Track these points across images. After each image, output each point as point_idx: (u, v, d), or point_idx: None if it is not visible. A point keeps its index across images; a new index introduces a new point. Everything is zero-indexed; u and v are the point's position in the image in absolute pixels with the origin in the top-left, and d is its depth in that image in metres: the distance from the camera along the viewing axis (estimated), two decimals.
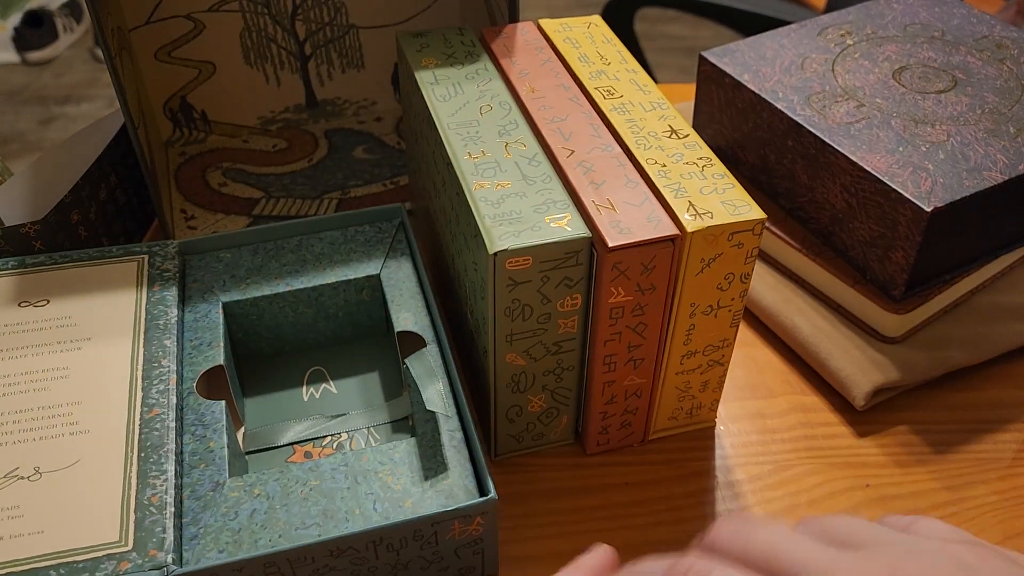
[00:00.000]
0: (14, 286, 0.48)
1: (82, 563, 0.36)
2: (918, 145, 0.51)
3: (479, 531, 0.39)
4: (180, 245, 0.51)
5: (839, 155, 0.51)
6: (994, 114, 0.53)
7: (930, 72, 0.57)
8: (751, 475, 0.48)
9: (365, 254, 0.52)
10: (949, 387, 0.53)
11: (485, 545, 0.40)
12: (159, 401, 0.42)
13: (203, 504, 0.39)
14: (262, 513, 0.38)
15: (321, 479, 0.40)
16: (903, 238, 0.48)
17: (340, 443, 0.47)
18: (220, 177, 0.69)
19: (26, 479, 0.39)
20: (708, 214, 0.39)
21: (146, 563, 0.36)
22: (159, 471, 0.39)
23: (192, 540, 0.37)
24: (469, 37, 0.54)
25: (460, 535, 0.39)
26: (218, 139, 0.73)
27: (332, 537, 0.36)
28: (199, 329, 0.47)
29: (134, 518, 0.37)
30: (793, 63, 0.59)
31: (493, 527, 0.39)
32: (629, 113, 0.46)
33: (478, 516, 0.38)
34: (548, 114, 0.46)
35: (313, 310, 0.51)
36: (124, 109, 0.53)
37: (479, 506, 0.38)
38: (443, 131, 0.45)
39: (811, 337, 0.53)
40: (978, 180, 0.48)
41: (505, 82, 0.50)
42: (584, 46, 0.52)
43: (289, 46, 0.70)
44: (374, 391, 0.51)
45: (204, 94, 0.70)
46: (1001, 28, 0.61)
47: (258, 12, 0.67)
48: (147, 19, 0.65)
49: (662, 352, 0.44)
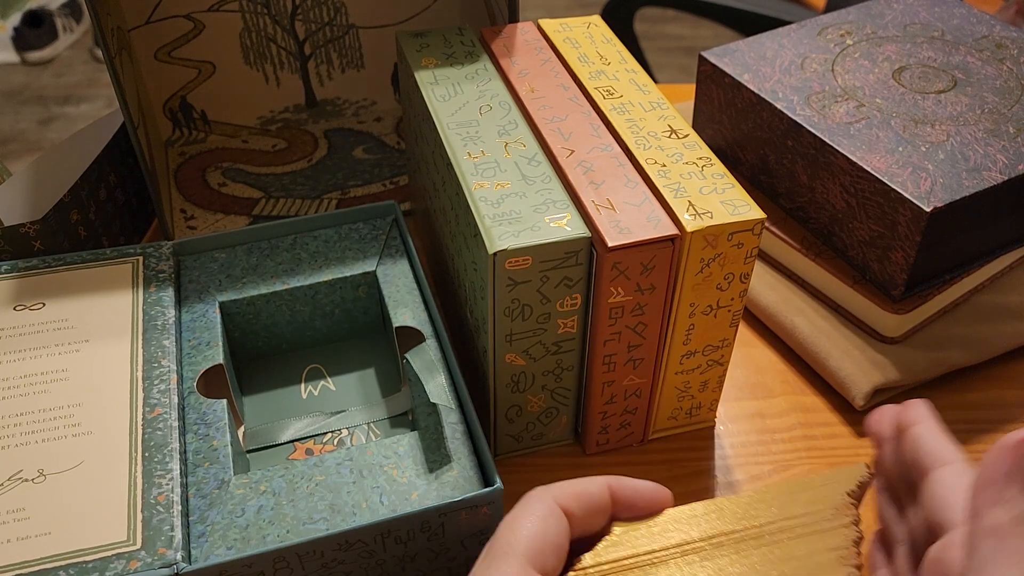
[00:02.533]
0: (8, 290, 0.48)
1: (91, 563, 0.36)
2: (918, 145, 0.51)
3: (485, 521, 0.39)
4: (175, 246, 0.51)
5: (839, 155, 0.51)
6: (994, 114, 0.53)
7: (930, 72, 0.57)
8: (751, 475, 0.48)
9: (360, 251, 0.52)
10: (949, 387, 0.53)
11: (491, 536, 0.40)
12: (161, 401, 0.42)
13: (209, 502, 0.39)
14: (269, 509, 0.38)
15: (326, 474, 0.40)
16: (903, 238, 0.48)
17: (341, 439, 0.47)
18: (220, 177, 0.69)
19: (30, 481, 0.39)
20: (708, 214, 0.39)
21: (156, 561, 0.36)
22: (164, 470, 0.39)
23: (200, 538, 0.37)
24: (469, 37, 0.54)
25: (467, 526, 0.39)
26: (218, 139, 0.73)
27: (341, 531, 0.36)
28: (197, 329, 0.47)
29: (141, 517, 0.37)
30: (793, 63, 0.59)
31: (499, 517, 0.40)
32: (629, 113, 0.46)
33: (484, 506, 0.38)
34: (548, 114, 0.46)
35: (309, 308, 0.51)
36: (124, 109, 0.53)
37: (485, 496, 0.38)
38: (443, 131, 0.45)
39: (811, 337, 0.53)
40: (978, 180, 0.48)
41: (505, 82, 0.50)
42: (584, 46, 0.52)
43: (289, 46, 0.70)
44: (372, 387, 0.51)
45: (204, 94, 0.70)
46: (1001, 28, 0.62)
47: (258, 12, 0.67)
48: (147, 19, 0.65)
49: (662, 352, 0.44)
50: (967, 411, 0.52)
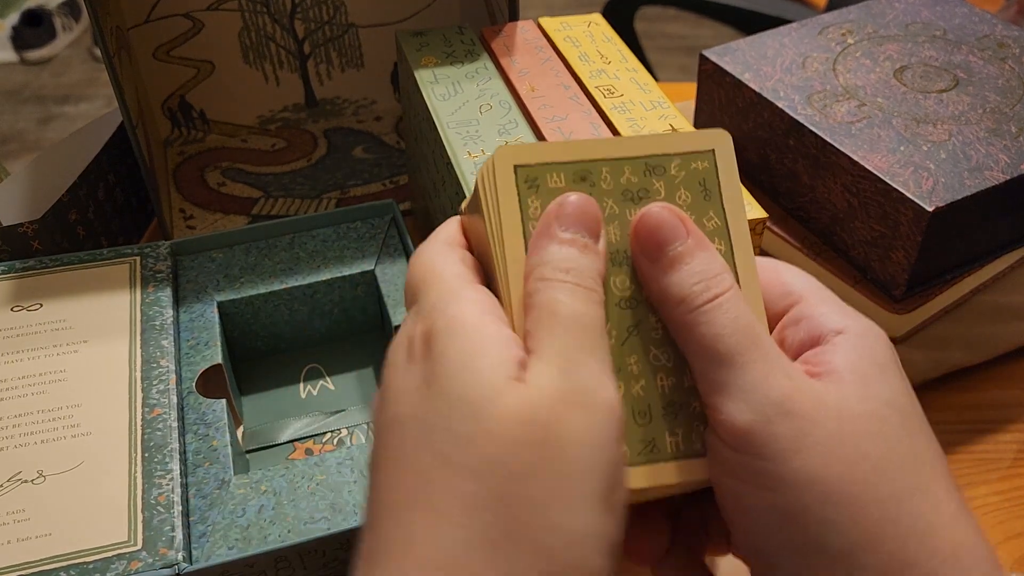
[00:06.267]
0: (6, 291, 0.48)
1: (92, 564, 0.36)
2: (919, 144, 0.51)
3: None
4: (172, 246, 0.51)
5: (840, 154, 0.51)
6: (996, 113, 0.53)
7: (931, 71, 0.57)
8: None
9: (358, 250, 0.52)
10: (950, 387, 0.53)
11: None
12: (160, 401, 0.42)
13: (210, 502, 0.39)
14: (270, 509, 0.38)
15: (327, 474, 0.40)
16: (904, 238, 0.48)
17: (341, 439, 0.47)
18: (219, 176, 0.68)
19: (30, 482, 0.39)
20: None
21: (157, 562, 0.36)
22: (164, 470, 0.39)
23: (201, 538, 0.37)
24: (469, 36, 0.54)
25: None
26: (217, 138, 0.73)
27: (342, 530, 0.36)
28: (195, 329, 0.47)
29: (142, 518, 0.37)
30: (794, 62, 0.58)
31: None
32: (629, 112, 0.46)
33: None
34: (548, 113, 0.46)
35: (308, 307, 0.51)
36: (123, 108, 0.53)
37: None
38: (443, 130, 0.45)
39: None
40: (980, 180, 0.48)
41: (505, 81, 0.50)
42: (584, 45, 0.52)
43: (288, 45, 0.70)
44: (371, 386, 0.50)
45: (203, 93, 0.70)
46: (1003, 27, 0.61)
47: (257, 11, 0.67)
48: (146, 18, 0.65)
49: None
50: (968, 411, 0.52)
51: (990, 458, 0.49)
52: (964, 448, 0.49)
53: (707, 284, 0.24)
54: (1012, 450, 0.50)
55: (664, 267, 0.25)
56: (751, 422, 0.23)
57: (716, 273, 0.24)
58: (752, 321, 0.24)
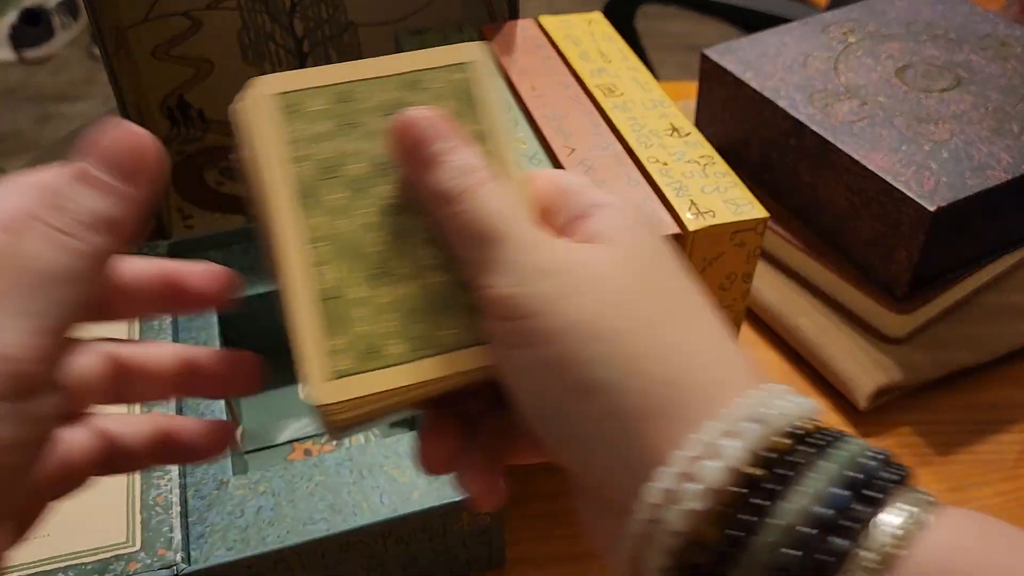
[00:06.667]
0: None
1: (91, 564, 0.35)
2: (921, 144, 0.50)
3: (486, 521, 0.39)
4: (170, 245, 0.51)
5: (842, 154, 0.50)
6: (998, 113, 0.53)
7: (933, 70, 0.57)
8: None
9: None
10: (952, 388, 0.53)
11: (492, 535, 0.40)
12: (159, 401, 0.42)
13: (208, 503, 0.39)
14: (269, 510, 0.38)
15: (326, 474, 0.40)
16: (906, 237, 0.48)
17: None
18: (217, 176, 0.68)
19: None
20: (710, 213, 0.39)
21: (155, 562, 0.36)
22: (163, 471, 0.39)
23: (199, 539, 0.37)
24: (469, 34, 0.53)
25: (468, 525, 0.39)
26: (216, 137, 0.73)
27: (342, 530, 0.36)
28: (193, 329, 0.47)
29: (140, 518, 0.37)
30: (795, 61, 0.58)
31: (500, 517, 0.40)
32: (630, 111, 0.46)
33: None
34: (548, 112, 0.46)
35: None
36: (121, 107, 0.53)
37: None
38: None
39: (814, 338, 0.53)
40: (981, 179, 0.48)
41: (505, 80, 0.49)
42: (585, 43, 0.52)
43: (287, 44, 0.70)
44: None
45: (202, 92, 0.70)
46: (1005, 26, 0.61)
47: (256, 9, 0.67)
48: (144, 17, 0.65)
49: None
50: (970, 412, 0.51)
51: (993, 459, 0.49)
52: (966, 449, 0.49)
53: (466, 178, 0.25)
54: (1014, 451, 0.49)
55: (424, 166, 0.25)
56: (516, 286, 0.23)
57: (475, 168, 0.25)
58: (512, 204, 0.25)
